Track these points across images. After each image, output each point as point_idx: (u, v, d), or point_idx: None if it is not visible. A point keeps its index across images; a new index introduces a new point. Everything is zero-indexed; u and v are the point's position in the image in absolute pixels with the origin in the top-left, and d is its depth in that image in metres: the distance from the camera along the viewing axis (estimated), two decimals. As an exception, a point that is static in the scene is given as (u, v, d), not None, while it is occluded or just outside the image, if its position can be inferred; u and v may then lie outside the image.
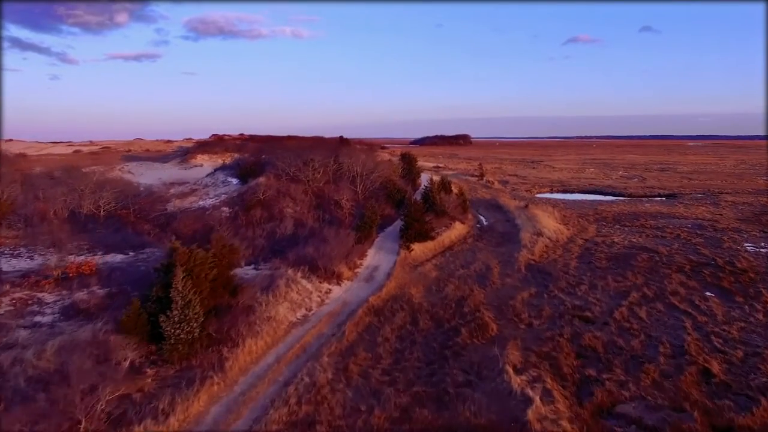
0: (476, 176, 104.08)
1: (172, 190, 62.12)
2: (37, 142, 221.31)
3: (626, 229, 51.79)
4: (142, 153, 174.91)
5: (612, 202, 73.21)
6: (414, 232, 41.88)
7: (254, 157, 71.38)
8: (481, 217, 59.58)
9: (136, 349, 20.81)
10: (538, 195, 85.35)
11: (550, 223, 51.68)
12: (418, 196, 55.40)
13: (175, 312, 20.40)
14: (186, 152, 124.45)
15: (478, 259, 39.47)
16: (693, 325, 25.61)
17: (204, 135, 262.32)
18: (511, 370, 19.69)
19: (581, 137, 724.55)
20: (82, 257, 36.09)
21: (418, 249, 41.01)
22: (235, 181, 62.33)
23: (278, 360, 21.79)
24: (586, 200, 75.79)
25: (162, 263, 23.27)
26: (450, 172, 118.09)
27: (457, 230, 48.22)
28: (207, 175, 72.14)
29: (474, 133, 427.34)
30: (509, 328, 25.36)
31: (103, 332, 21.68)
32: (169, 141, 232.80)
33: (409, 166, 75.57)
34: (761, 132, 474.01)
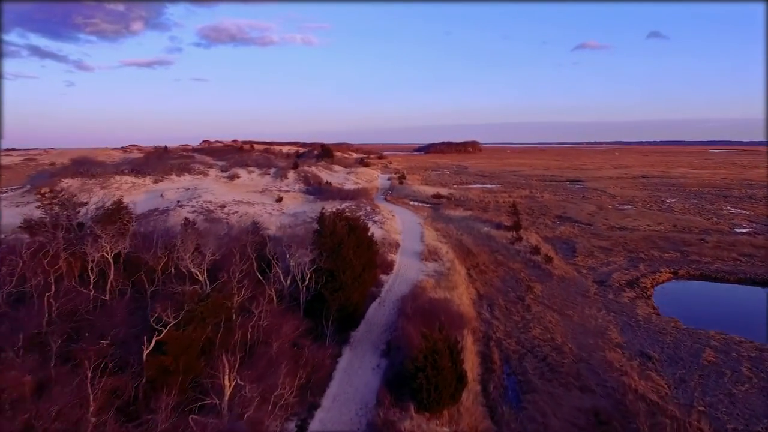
0: (508, 228, 53.16)
1: None
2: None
3: None
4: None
5: None
6: None
7: None
8: None
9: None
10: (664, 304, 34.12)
11: None
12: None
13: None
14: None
15: None
16: None
17: (208, 139, 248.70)
18: None
19: (590, 143, 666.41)
20: None
21: None
22: None
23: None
24: None
25: None
26: (458, 214, 66.63)
27: None
28: None
29: (482, 139, 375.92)
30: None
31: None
32: (126, 149, 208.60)
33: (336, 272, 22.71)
34: (760, 138, 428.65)
